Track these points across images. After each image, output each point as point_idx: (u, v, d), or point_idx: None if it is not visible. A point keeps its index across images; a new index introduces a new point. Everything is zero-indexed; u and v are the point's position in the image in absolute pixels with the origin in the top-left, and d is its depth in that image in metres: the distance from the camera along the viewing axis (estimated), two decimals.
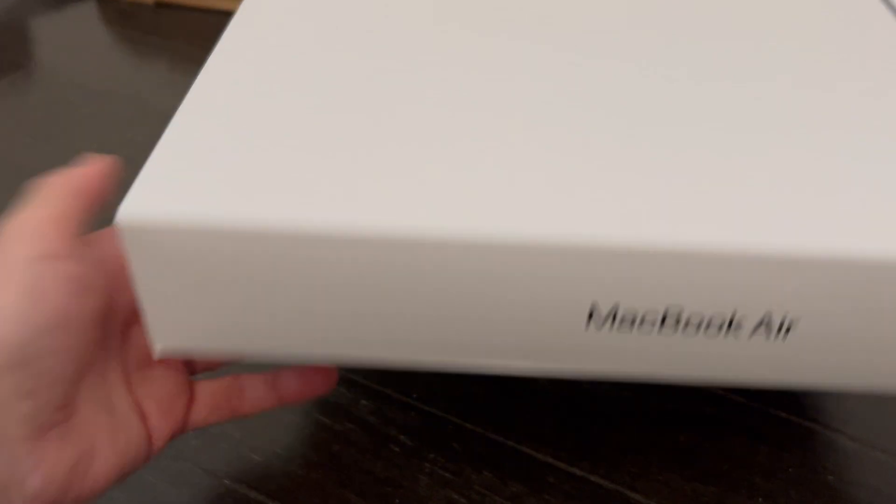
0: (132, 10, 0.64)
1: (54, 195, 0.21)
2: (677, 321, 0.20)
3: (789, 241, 0.19)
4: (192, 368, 0.26)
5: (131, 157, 0.46)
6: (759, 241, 0.19)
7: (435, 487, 0.29)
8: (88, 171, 0.22)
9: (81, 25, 0.62)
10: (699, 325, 0.20)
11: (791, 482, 0.30)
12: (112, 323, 0.23)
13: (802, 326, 0.20)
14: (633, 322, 0.20)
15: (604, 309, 0.20)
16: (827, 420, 0.32)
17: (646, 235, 0.19)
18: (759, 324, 0.20)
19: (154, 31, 0.61)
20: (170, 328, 0.22)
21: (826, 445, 0.31)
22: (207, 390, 0.26)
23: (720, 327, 0.20)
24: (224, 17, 0.64)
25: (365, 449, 0.30)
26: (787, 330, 0.20)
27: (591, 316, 0.20)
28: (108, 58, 0.57)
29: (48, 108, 0.51)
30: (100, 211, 0.23)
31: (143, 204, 0.20)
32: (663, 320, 0.20)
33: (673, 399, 0.33)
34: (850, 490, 0.30)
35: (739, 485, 0.29)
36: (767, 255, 0.19)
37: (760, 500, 0.29)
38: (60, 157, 0.46)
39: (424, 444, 0.31)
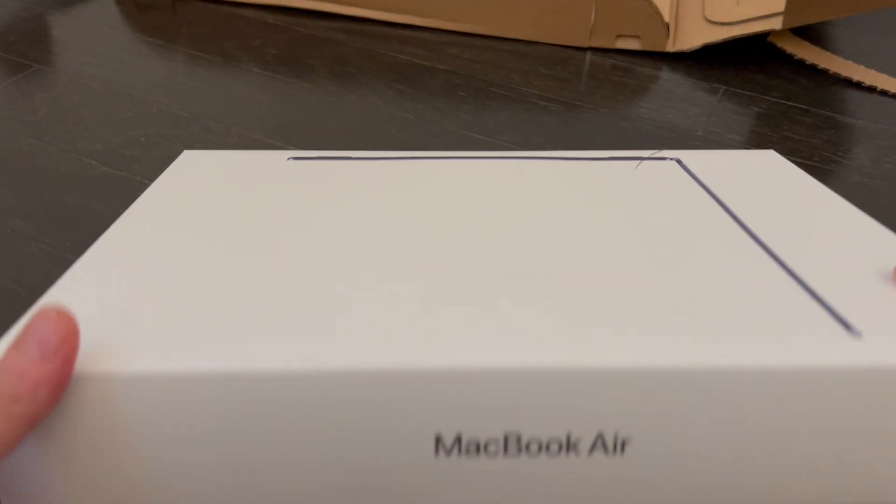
0: (150, 3, 0.65)
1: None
2: (518, 443, 0.21)
3: (602, 356, 0.21)
4: None
5: (135, 156, 0.47)
6: (573, 358, 0.21)
7: None
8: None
9: (98, 20, 0.63)
10: (540, 447, 0.22)
11: None
12: None
13: (636, 442, 0.22)
14: (477, 448, 0.21)
15: (448, 437, 0.21)
16: None
17: (479, 359, 0.21)
18: (595, 441, 0.22)
19: (172, 24, 0.62)
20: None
21: None
22: None
23: (560, 447, 0.22)
24: (241, 8, 0.65)
25: None
26: (623, 445, 0.21)
27: (437, 443, 0.21)
28: (120, 55, 0.58)
29: (54, 108, 0.51)
30: None
31: None
32: (506, 444, 0.21)
33: None
34: None
35: None
36: (583, 370, 0.21)
37: None
38: (63, 158, 0.46)
39: None
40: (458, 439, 0.21)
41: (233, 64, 0.56)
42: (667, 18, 0.58)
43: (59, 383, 0.19)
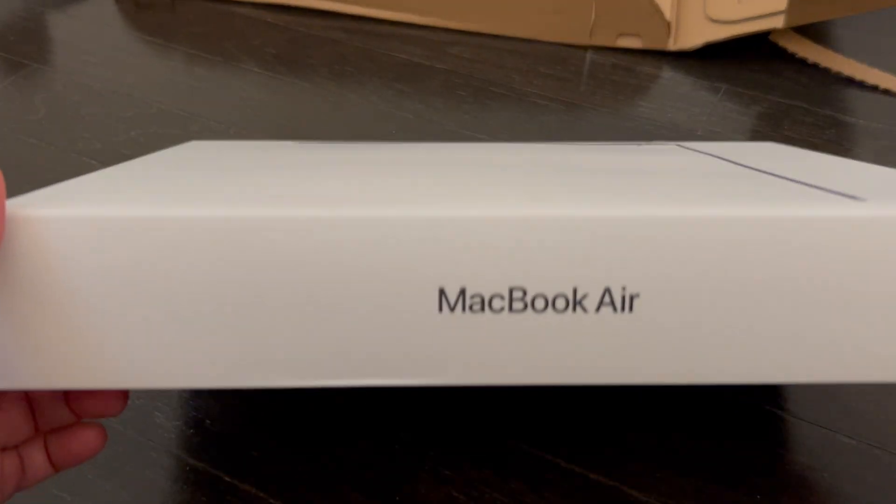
0: (149, 3, 0.65)
1: None
2: (523, 298, 0.21)
3: (605, 206, 0.21)
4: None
5: (135, 156, 0.47)
6: (579, 210, 0.21)
7: (434, 485, 0.29)
8: None
9: (97, 20, 0.63)
10: (546, 303, 0.21)
11: (789, 479, 0.30)
12: None
13: (645, 298, 0.21)
14: (482, 304, 0.21)
15: (452, 291, 0.21)
16: (826, 420, 0.32)
17: (481, 208, 0.20)
18: (602, 296, 0.21)
19: (170, 24, 0.62)
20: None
21: (824, 444, 0.31)
22: None
23: (566, 303, 0.21)
24: (240, 7, 0.65)
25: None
26: (631, 302, 0.21)
27: (441, 297, 0.21)
28: (120, 55, 0.58)
29: (53, 107, 0.51)
30: None
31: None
32: (511, 299, 0.21)
33: (673, 398, 0.33)
34: (847, 487, 0.30)
35: (739, 482, 0.30)
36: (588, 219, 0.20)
37: (758, 497, 0.29)
38: (63, 158, 0.46)
39: (427, 442, 0.31)
40: (462, 293, 0.21)
41: (233, 64, 0.56)
42: (668, 17, 0.58)
43: None
